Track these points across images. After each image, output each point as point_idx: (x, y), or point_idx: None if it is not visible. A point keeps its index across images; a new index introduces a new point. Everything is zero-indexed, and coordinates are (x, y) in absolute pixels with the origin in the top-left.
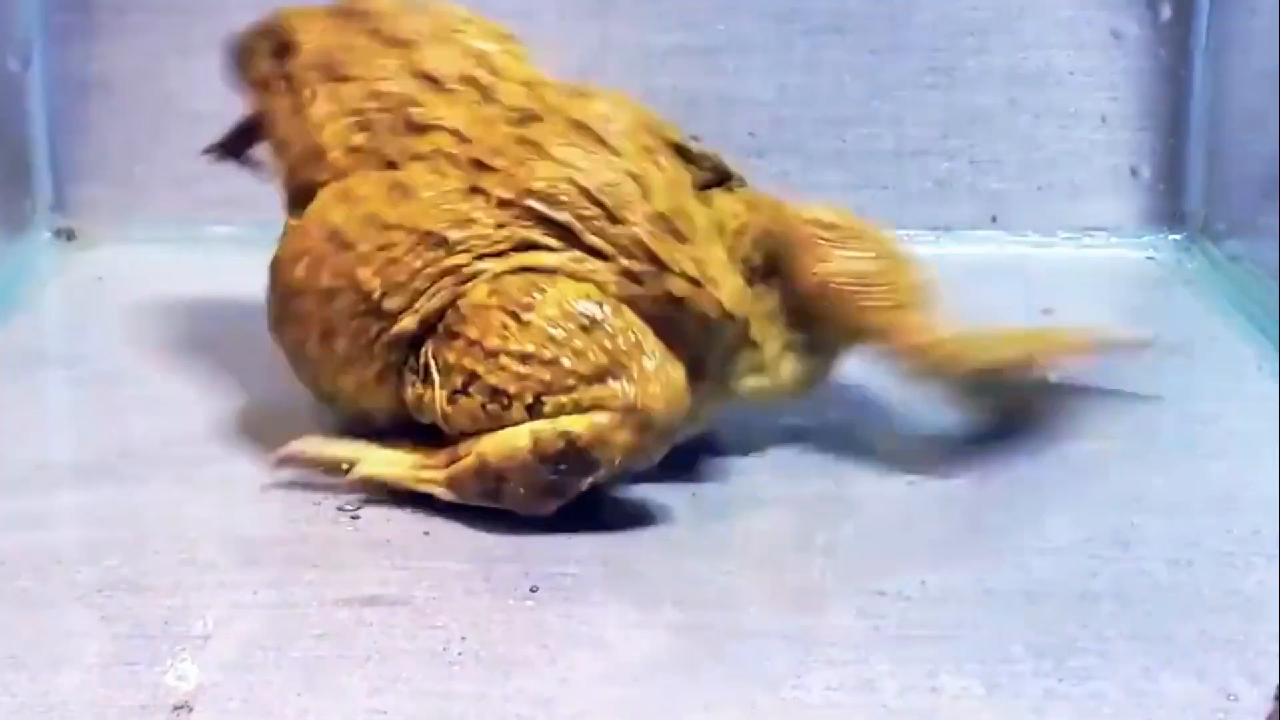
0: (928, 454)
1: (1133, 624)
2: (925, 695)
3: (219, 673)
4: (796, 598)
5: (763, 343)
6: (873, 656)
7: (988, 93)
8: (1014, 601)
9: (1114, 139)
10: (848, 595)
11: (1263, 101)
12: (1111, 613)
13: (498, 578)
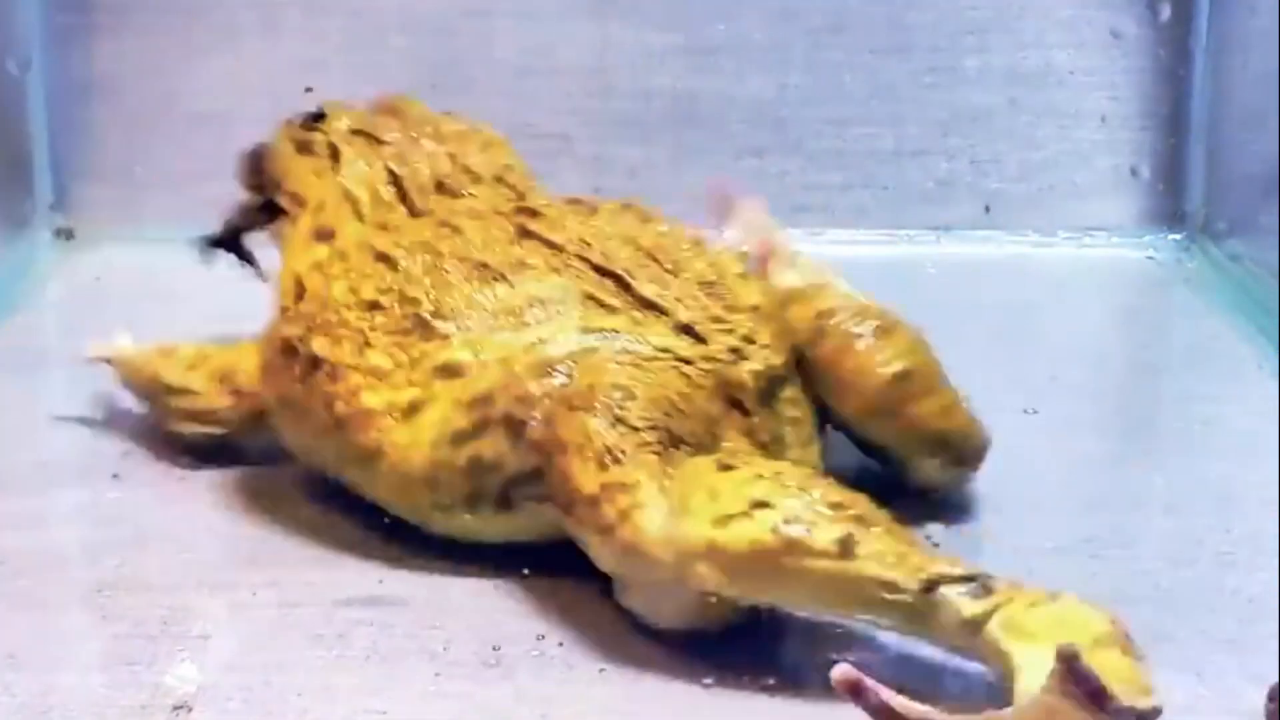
0: None
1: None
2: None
3: (219, 673)
4: None
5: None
6: (872, 656)
7: (988, 93)
8: None
9: (1114, 139)
10: None
11: (1263, 101)
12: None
13: (498, 577)
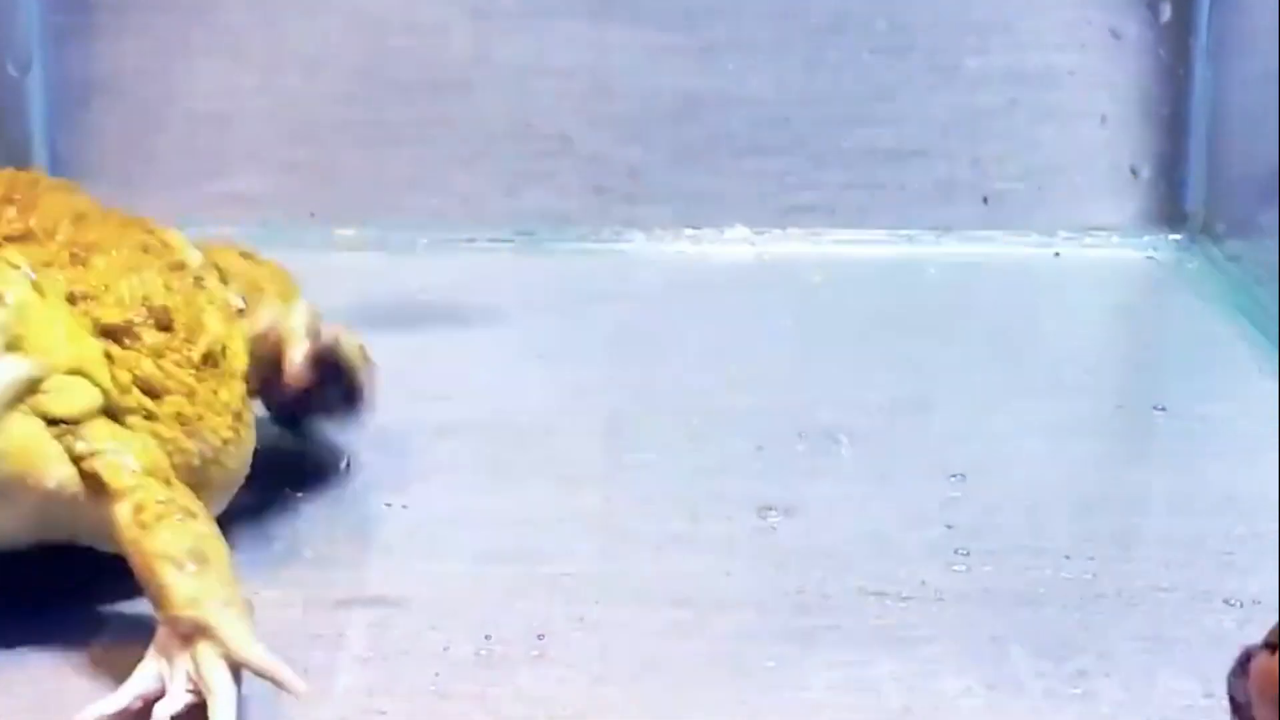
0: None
1: (1133, 624)
2: (925, 695)
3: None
4: (796, 598)
5: None
6: (873, 656)
7: (988, 93)
8: (1014, 601)
9: (1114, 139)
10: (848, 595)
11: (1263, 101)
12: (1111, 613)
13: (497, 578)
